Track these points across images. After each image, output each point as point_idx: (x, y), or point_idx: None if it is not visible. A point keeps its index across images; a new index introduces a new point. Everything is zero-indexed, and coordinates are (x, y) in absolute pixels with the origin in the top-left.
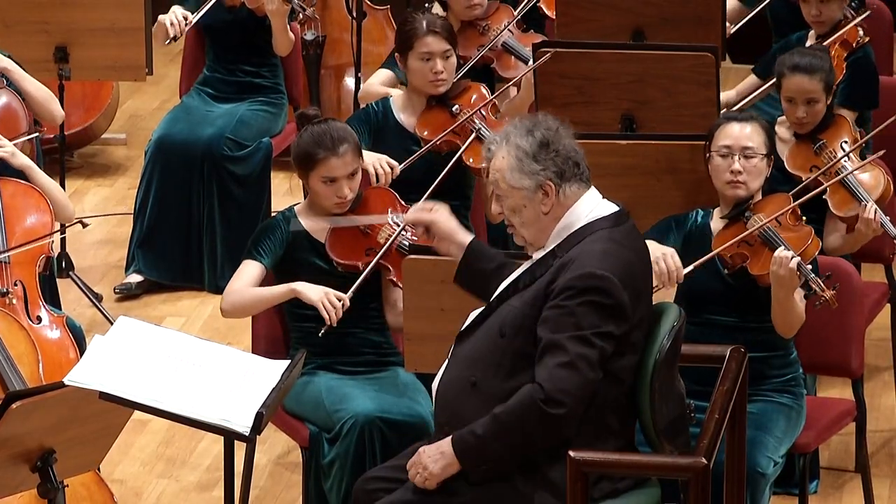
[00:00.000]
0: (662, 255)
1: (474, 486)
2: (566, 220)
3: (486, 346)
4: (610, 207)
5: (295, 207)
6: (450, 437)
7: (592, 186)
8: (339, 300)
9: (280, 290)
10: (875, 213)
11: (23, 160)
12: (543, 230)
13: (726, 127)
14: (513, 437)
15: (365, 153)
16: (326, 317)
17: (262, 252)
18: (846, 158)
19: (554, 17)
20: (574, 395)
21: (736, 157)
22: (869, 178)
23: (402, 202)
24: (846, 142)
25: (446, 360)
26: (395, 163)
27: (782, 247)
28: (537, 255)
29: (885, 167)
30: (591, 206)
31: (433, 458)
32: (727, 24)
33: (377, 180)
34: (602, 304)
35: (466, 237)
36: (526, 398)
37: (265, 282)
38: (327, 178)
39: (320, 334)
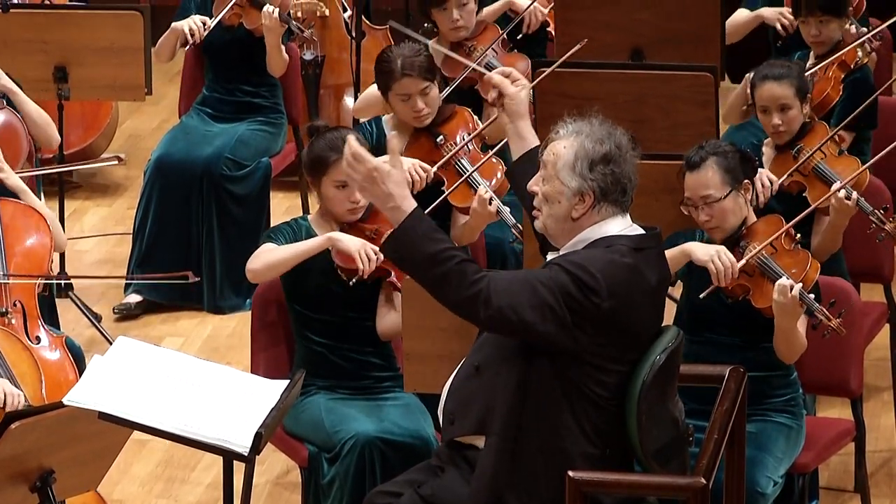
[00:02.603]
0: (716, 253)
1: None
2: (588, 233)
3: (491, 334)
4: (637, 232)
5: (308, 216)
6: (412, 208)
7: (628, 216)
8: (375, 254)
9: (317, 241)
10: (851, 195)
11: (16, 181)
12: (565, 232)
13: (686, 177)
14: (431, 274)
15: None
16: (360, 266)
17: (277, 239)
18: (820, 154)
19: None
20: (506, 307)
21: (699, 208)
22: (844, 168)
23: None
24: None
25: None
26: (427, 166)
27: (783, 276)
28: (550, 257)
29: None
30: (618, 228)
31: (386, 194)
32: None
33: (412, 186)
34: (581, 284)
35: (531, 136)
36: (475, 278)
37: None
38: (340, 182)
39: (351, 283)
